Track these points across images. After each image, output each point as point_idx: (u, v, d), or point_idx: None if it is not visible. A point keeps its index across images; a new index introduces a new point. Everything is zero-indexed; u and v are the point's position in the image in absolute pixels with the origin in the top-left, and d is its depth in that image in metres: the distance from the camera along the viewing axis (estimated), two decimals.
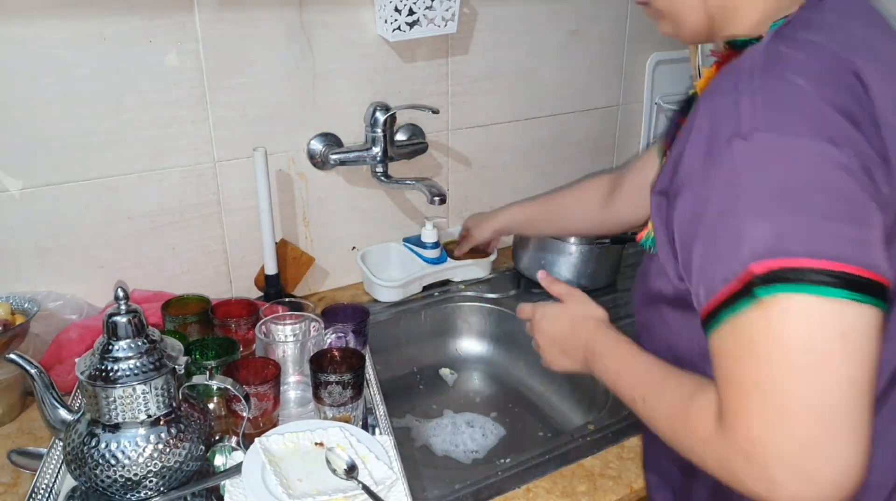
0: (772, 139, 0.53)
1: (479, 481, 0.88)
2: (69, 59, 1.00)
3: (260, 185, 1.14)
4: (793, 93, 0.55)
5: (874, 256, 0.52)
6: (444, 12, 1.20)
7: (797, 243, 0.51)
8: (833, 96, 0.54)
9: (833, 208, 0.52)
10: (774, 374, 0.51)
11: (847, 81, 0.56)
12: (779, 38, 0.59)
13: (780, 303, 0.51)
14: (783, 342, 0.51)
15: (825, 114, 0.54)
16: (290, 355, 0.94)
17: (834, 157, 0.52)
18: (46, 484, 0.79)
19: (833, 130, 0.53)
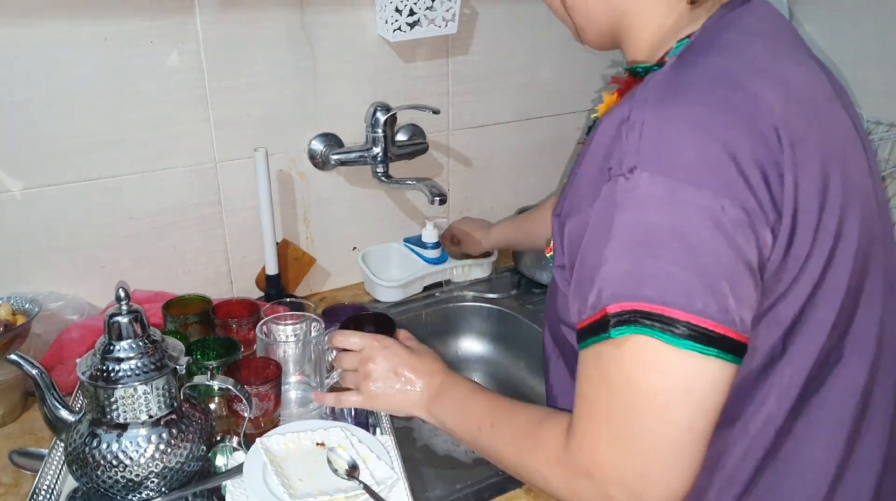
0: (649, 180, 0.53)
1: (481, 481, 0.88)
2: (70, 59, 1.00)
3: (261, 185, 1.14)
4: (682, 131, 0.53)
5: (731, 312, 0.52)
6: (445, 13, 1.20)
7: (652, 290, 0.52)
8: (725, 135, 0.53)
9: (695, 260, 0.52)
10: (623, 408, 0.55)
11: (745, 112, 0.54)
12: (678, 67, 0.58)
13: (633, 344, 0.53)
14: (632, 382, 0.54)
15: (711, 158, 0.52)
16: (290, 355, 0.94)
17: (709, 207, 0.52)
18: (48, 485, 0.79)
19: (716, 178, 0.52)
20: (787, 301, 0.58)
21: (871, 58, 1.33)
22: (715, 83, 0.55)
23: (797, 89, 0.58)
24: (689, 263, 0.52)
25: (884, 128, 1.31)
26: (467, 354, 1.33)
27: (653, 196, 0.52)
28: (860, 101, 1.29)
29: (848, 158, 0.61)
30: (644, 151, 0.53)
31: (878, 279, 0.64)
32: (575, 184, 0.61)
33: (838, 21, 1.37)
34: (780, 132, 0.54)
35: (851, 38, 1.35)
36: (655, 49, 0.66)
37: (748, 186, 0.52)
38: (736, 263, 0.52)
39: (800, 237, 0.56)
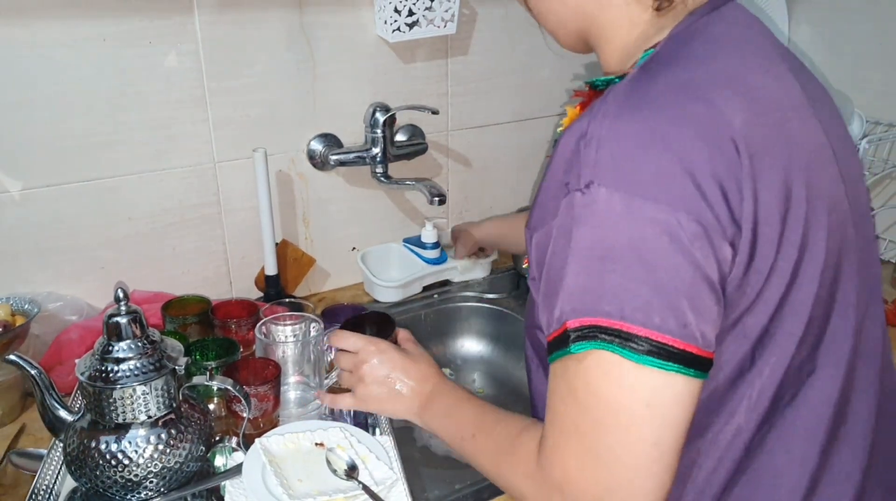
0: (606, 195, 0.53)
1: (480, 481, 0.88)
2: (69, 60, 1.00)
3: (260, 185, 1.14)
4: (638, 145, 0.53)
5: (691, 327, 0.52)
6: (444, 13, 1.20)
7: (611, 305, 0.52)
8: (682, 149, 0.52)
9: (652, 275, 0.52)
10: (590, 424, 0.55)
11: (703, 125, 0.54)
12: (637, 79, 0.57)
13: (594, 359, 0.53)
14: (597, 397, 0.54)
15: (668, 173, 0.52)
16: (290, 355, 0.94)
17: (665, 222, 0.51)
18: (47, 485, 0.79)
19: (672, 193, 0.52)
20: (753, 314, 0.57)
21: (869, 58, 1.33)
22: (673, 95, 0.55)
23: (761, 99, 0.58)
24: (646, 278, 0.52)
25: (883, 128, 1.31)
26: (466, 354, 1.33)
27: (609, 211, 0.52)
28: (859, 101, 1.29)
29: (814, 168, 0.60)
30: (600, 166, 0.53)
31: (851, 289, 0.63)
32: (540, 197, 0.61)
33: (837, 21, 1.37)
34: (738, 145, 0.54)
35: (850, 38, 1.35)
36: (626, 57, 0.66)
37: (705, 200, 0.52)
38: (694, 277, 0.52)
39: (761, 251, 0.55)
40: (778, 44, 0.66)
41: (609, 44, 0.67)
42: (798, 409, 0.61)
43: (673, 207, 0.51)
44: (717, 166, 0.53)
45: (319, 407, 0.92)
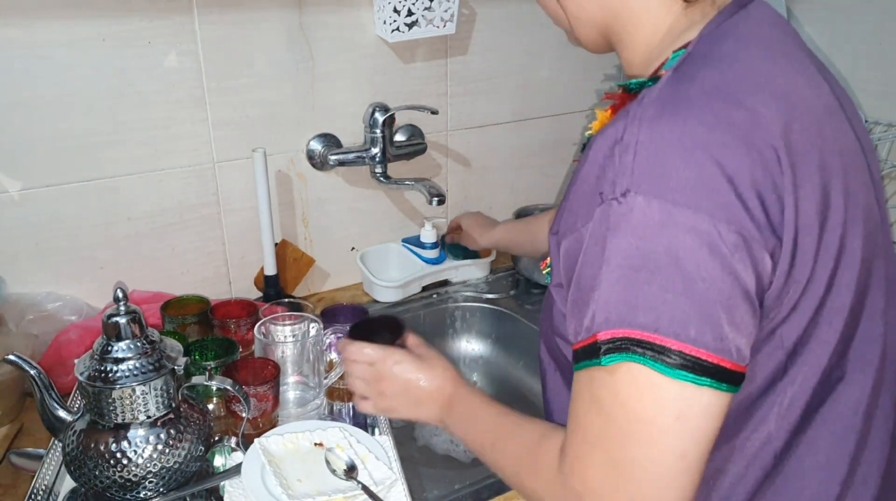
0: (644, 204, 0.51)
1: (479, 481, 0.88)
2: (69, 60, 1.00)
3: (259, 185, 1.14)
4: (677, 152, 0.51)
5: (727, 341, 0.51)
6: (443, 13, 1.20)
7: (645, 317, 0.51)
8: (723, 156, 0.51)
9: (691, 286, 0.50)
10: (615, 434, 0.53)
11: (743, 132, 0.52)
12: (674, 82, 0.56)
13: (625, 372, 0.52)
14: (625, 409, 0.53)
15: (708, 181, 0.50)
16: (289, 355, 0.94)
17: (705, 232, 0.50)
18: (46, 485, 0.79)
19: (713, 202, 0.50)
20: (788, 324, 0.56)
21: (869, 58, 1.33)
22: (712, 100, 0.53)
23: (798, 105, 0.56)
24: (683, 290, 0.50)
25: (882, 128, 1.31)
26: (466, 354, 1.34)
27: (647, 220, 0.51)
28: (859, 101, 1.29)
29: (849, 174, 0.59)
30: (638, 173, 0.52)
31: (879, 294, 0.63)
32: (569, 203, 0.60)
33: (836, 21, 1.37)
34: (779, 153, 0.53)
35: (849, 38, 1.35)
36: (651, 57, 0.64)
37: (746, 209, 0.51)
38: (733, 289, 0.51)
39: (800, 261, 0.54)
40: (803, 43, 0.64)
41: (634, 40, 0.65)
42: (827, 416, 0.60)
43: (713, 216, 0.50)
44: (758, 175, 0.51)
45: (319, 407, 0.92)
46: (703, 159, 0.51)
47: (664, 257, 0.50)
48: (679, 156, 0.51)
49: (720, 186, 0.51)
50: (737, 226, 0.50)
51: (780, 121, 0.54)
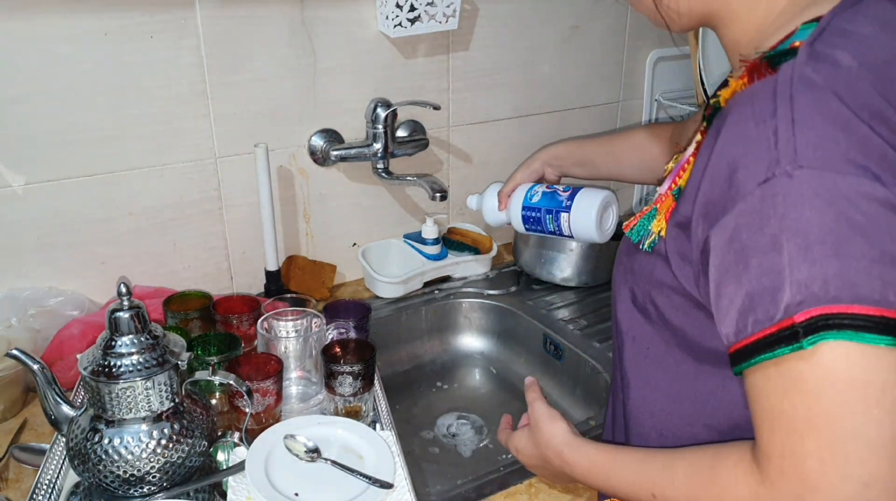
0: (815, 177, 0.50)
1: (482, 476, 0.88)
2: (70, 55, 1.00)
3: (261, 181, 1.14)
4: (836, 125, 0.51)
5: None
6: (446, 8, 1.20)
7: (843, 289, 0.49)
8: (877, 125, 0.51)
9: (878, 250, 0.49)
10: (828, 411, 0.49)
11: (885, 109, 0.52)
12: (816, 57, 0.54)
13: (827, 349, 0.49)
14: (836, 379, 0.49)
15: (870, 146, 0.51)
16: (291, 350, 0.94)
17: (880, 196, 0.50)
18: (49, 480, 0.79)
19: (877, 163, 0.50)
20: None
21: None
22: (856, 80, 0.53)
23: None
24: (875, 255, 0.49)
25: None
26: (467, 350, 1.34)
27: (821, 193, 0.50)
28: None
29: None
30: (802, 148, 0.51)
31: None
32: (707, 180, 0.57)
33: None
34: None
35: None
36: (766, 32, 0.62)
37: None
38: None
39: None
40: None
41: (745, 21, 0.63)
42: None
43: (883, 181, 0.50)
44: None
45: (321, 403, 0.92)
46: (861, 129, 0.51)
47: (847, 227, 0.49)
48: (839, 128, 0.51)
49: (882, 150, 0.51)
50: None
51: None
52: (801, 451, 0.50)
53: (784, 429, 0.51)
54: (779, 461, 0.51)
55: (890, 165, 0.50)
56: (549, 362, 1.23)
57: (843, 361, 0.49)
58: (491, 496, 0.85)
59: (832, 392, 0.49)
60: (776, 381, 0.52)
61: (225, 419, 0.88)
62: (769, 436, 0.52)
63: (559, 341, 1.20)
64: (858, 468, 0.48)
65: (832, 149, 0.51)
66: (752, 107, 0.55)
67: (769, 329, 0.51)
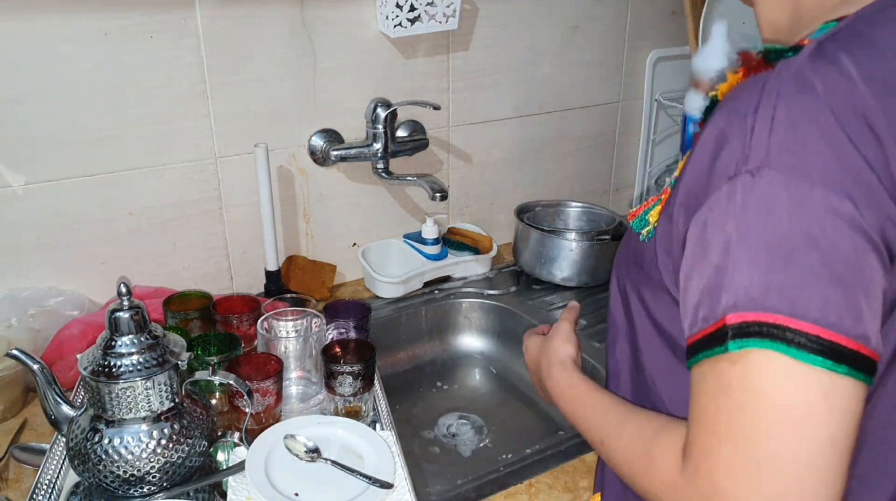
0: (781, 181, 0.48)
1: (481, 476, 0.88)
2: (70, 55, 1.00)
3: (261, 181, 1.14)
4: (817, 130, 0.49)
5: (865, 326, 0.48)
6: (446, 8, 1.20)
7: (781, 300, 0.47)
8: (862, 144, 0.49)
9: (829, 269, 0.47)
10: (748, 427, 0.48)
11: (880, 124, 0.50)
12: (820, 57, 0.52)
13: (756, 357, 0.48)
14: (759, 396, 0.48)
15: (849, 161, 0.48)
16: (292, 350, 0.94)
17: (845, 213, 0.47)
18: (49, 480, 0.79)
19: (853, 182, 0.48)
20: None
21: None
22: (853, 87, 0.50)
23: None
24: (823, 272, 0.47)
25: None
26: (467, 350, 1.34)
27: (784, 199, 0.48)
28: None
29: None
30: (774, 150, 0.49)
31: None
32: (689, 171, 0.56)
33: None
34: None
35: None
36: (800, 22, 0.60)
37: (887, 192, 0.48)
38: (874, 274, 0.48)
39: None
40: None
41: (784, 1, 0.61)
42: None
43: (853, 199, 0.47)
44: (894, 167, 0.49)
45: (321, 403, 0.92)
46: (843, 141, 0.49)
47: (802, 239, 0.48)
48: (818, 135, 0.49)
49: (861, 168, 0.48)
50: (876, 210, 0.48)
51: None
52: (716, 456, 0.50)
53: (706, 430, 0.51)
54: (697, 458, 0.51)
55: (865, 188, 0.48)
56: None
57: (769, 374, 0.48)
58: (491, 496, 0.85)
59: (754, 406, 0.48)
60: (708, 381, 0.51)
61: (225, 419, 0.88)
62: (694, 433, 0.52)
63: None
64: (765, 487, 0.47)
65: (806, 156, 0.49)
66: (738, 101, 0.53)
67: (709, 328, 0.51)
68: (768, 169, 0.49)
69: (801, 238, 0.48)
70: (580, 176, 1.59)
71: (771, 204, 0.48)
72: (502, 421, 1.17)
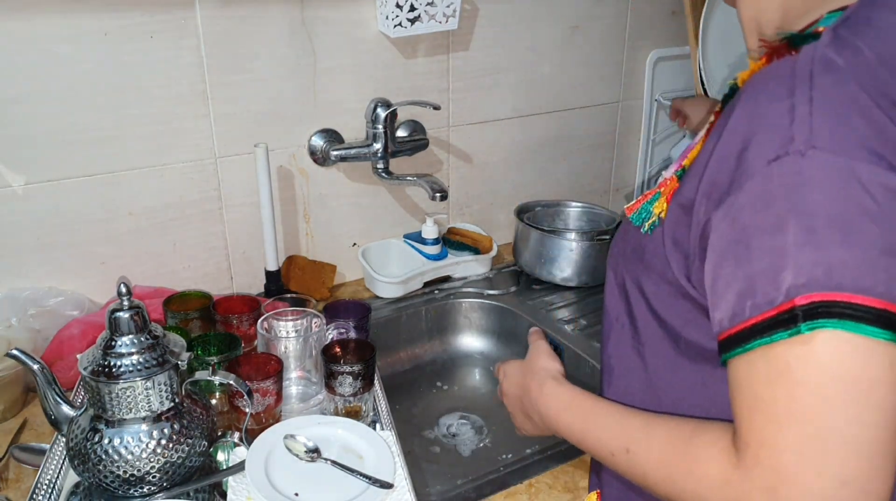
0: (829, 160, 0.49)
1: (481, 476, 0.88)
2: (71, 55, 1.00)
3: (261, 181, 1.14)
4: (854, 110, 0.50)
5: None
6: (446, 8, 1.20)
7: (847, 277, 0.47)
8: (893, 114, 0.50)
9: (889, 242, 0.48)
10: (812, 404, 0.47)
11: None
12: (840, 41, 0.54)
13: (823, 337, 0.47)
14: (825, 371, 0.47)
15: (887, 136, 0.49)
16: (291, 350, 0.94)
17: (894, 186, 0.48)
18: (49, 480, 0.79)
19: (893, 155, 0.49)
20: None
21: None
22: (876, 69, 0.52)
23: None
24: (884, 246, 0.47)
25: None
26: (467, 350, 1.34)
27: (836, 176, 0.48)
28: None
29: None
30: (817, 130, 0.49)
31: None
32: (713, 160, 0.55)
33: None
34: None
35: None
36: (795, 13, 0.61)
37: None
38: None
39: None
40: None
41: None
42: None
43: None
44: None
45: (321, 403, 0.92)
46: (880, 117, 0.50)
47: (856, 214, 0.48)
48: (857, 113, 0.50)
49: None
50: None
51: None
52: (780, 442, 0.48)
53: (764, 418, 0.50)
54: (756, 449, 0.50)
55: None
56: None
57: (835, 352, 0.47)
58: (491, 496, 0.85)
59: (819, 384, 0.47)
60: (762, 368, 0.50)
61: (225, 419, 0.88)
62: (749, 424, 0.51)
63: (559, 341, 1.20)
64: (836, 466, 0.46)
65: (849, 133, 0.49)
66: (768, 85, 0.54)
67: (768, 312, 0.49)
68: (814, 149, 0.49)
69: (856, 213, 0.48)
70: (580, 176, 1.59)
71: (822, 182, 0.49)
72: (502, 421, 1.17)
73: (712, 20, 1.37)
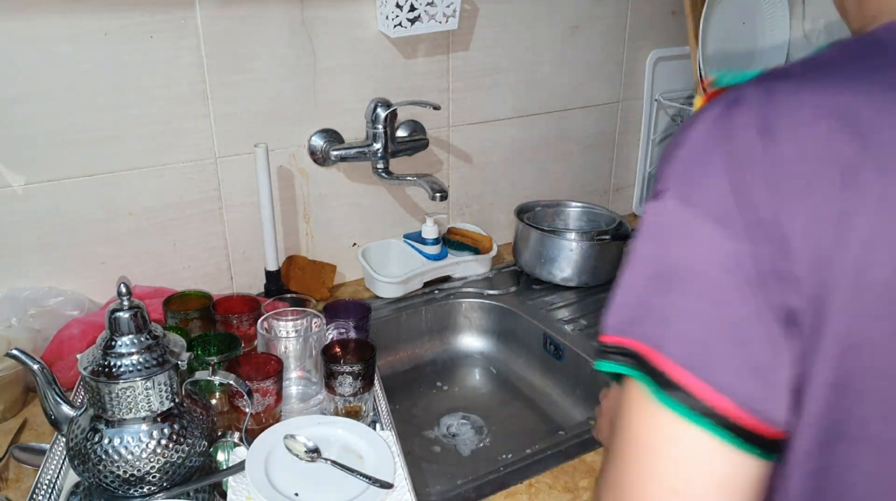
0: (676, 208, 0.45)
1: (481, 476, 0.88)
2: (70, 54, 1.00)
3: (261, 181, 1.14)
4: (718, 164, 0.44)
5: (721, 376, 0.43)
6: (446, 8, 1.20)
7: (648, 328, 0.46)
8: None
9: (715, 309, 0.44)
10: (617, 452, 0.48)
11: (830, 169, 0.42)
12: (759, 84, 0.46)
13: (625, 381, 0.47)
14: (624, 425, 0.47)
15: (747, 196, 0.43)
16: (291, 350, 0.94)
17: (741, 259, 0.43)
18: (49, 480, 0.79)
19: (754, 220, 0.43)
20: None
21: None
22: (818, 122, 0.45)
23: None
24: (703, 309, 0.44)
25: None
26: (467, 350, 1.34)
27: (676, 227, 0.45)
28: None
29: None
30: (679, 174, 0.46)
31: None
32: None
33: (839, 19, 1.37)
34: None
35: None
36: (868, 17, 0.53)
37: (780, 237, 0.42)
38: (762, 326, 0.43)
39: None
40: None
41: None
42: None
43: (755, 242, 0.43)
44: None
45: (321, 403, 0.92)
46: (755, 181, 0.44)
47: (684, 271, 0.45)
48: (717, 168, 0.44)
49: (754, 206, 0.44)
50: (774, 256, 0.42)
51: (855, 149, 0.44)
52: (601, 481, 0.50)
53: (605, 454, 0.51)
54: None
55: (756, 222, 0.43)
56: (549, 362, 1.23)
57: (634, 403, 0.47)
58: (491, 496, 0.85)
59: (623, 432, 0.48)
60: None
61: (225, 419, 0.88)
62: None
63: (559, 341, 1.20)
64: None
65: (713, 185, 0.44)
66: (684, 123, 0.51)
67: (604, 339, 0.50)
68: (669, 193, 0.46)
69: (683, 270, 0.45)
70: (580, 176, 1.59)
71: (662, 229, 0.46)
72: (502, 421, 1.17)
73: (712, 20, 1.37)
